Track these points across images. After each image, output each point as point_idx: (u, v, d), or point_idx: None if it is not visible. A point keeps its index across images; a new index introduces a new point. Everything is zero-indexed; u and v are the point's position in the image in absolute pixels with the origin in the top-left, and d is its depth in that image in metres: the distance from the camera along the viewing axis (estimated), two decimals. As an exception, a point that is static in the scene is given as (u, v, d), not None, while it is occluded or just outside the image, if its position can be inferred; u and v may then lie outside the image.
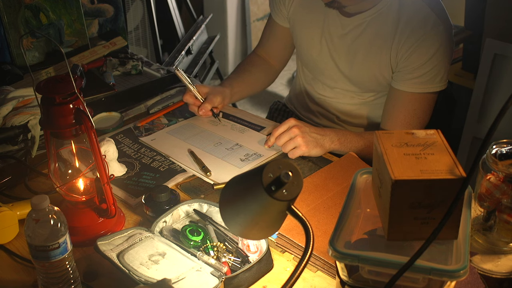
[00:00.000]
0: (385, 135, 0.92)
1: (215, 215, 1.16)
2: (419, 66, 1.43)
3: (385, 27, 1.46)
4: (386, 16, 1.46)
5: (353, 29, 1.51)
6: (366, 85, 1.58)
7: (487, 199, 1.07)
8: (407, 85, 1.47)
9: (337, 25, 1.53)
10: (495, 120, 0.76)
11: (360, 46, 1.51)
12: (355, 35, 1.51)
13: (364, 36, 1.50)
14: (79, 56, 1.88)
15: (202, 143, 1.48)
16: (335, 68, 1.59)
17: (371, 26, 1.48)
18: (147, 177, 1.35)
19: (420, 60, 1.42)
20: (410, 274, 0.82)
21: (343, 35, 1.53)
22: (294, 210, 0.82)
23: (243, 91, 1.71)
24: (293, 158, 1.40)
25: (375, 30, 1.48)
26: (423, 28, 1.41)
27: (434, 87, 1.46)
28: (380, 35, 1.47)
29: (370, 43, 1.49)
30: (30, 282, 1.06)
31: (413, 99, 1.48)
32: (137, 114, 1.64)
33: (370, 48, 1.49)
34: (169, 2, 3.13)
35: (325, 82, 1.65)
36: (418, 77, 1.44)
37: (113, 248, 1.06)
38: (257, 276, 1.04)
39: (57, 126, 1.06)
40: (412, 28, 1.42)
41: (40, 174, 1.35)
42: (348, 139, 1.46)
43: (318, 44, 1.59)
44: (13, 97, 1.49)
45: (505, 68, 2.23)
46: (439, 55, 1.42)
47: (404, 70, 1.46)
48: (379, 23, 1.47)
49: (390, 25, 1.45)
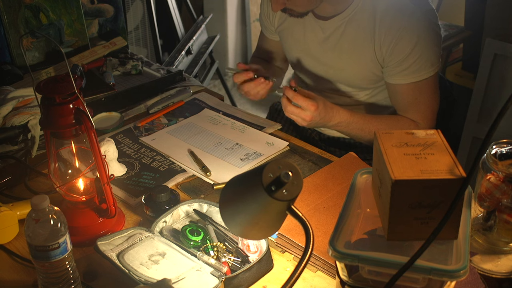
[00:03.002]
0: (385, 135, 0.92)
1: (215, 215, 1.16)
2: (404, 58, 1.43)
3: (363, 24, 1.47)
4: (362, 14, 1.46)
5: (333, 32, 1.52)
6: (358, 84, 1.58)
7: (487, 199, 1.07)
8: (399, 77, 1.47)
9: (317, 30, 1.54)
10: (495, 120, 0.76)
11: (343, 47, 1.52)
12: (336, 37, 1.52)
13: (345, 37, 1.50)
14: (79, 56, 1.88)
15: (202, 143, 1.48)
16: (326, 72, 1.60)
17: (351, 26, 1.49)
18: (147, 177, 1.35)
19: (404, 52, 1.42)
20: (410, 274, 0.82)
21: (325, 38, 1.54)
22: (294, 210, 0.82)
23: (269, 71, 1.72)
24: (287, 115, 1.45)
25: (355, 29, 1.48)
26: (400, 19, 1.41)
27: (427, 73, 1.46)
28: (360, 33, 1.48)
29: (352, 42, 1.50)
30: (30, 282, 1.06)
31: (411, 89, 1.48)
32: (137, 114, 1.64)
33: (354, 47, 1.50)
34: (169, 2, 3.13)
35: (321, 85, 1.66)
36: (407, 68, 1.45)
37: (113, 248, 1.06)
38: (257, 276, 1.04)
39: (57, 126, 1.06)
40: (390, 21, 1.42)
41: (40, 174, 1.35)
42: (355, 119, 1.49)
43: (303, 53, 1.61)
44: (13, 97, 1.49)
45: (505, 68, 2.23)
46: (421, 45, 1.42)
47: (392, 64, 1.46)
48: (357, 22, 1.48)
49: (368, 21, 1.46)
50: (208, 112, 1.65)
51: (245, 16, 3.95)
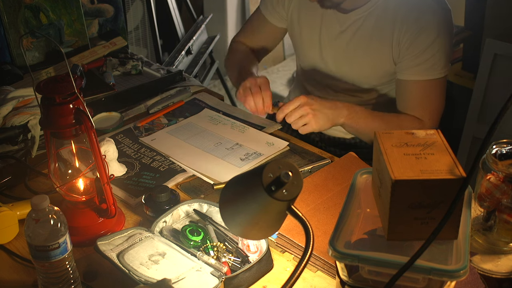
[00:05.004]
0: (385, 135, 0.92)
1: (215, 215, 1.16)
2: (420, 54, 1.44)
3: (383, 19, 1.47)
4: (384, 8, 1.46)
5: (351, 25, 1.51)
6: (367, 82, 1.58)
7: (487, 199, 1.07)
8: (411, 73, 1.47)
9: (335, 23, 1.53)
10: (495, 120, 0.76)
11: (359, 41, 1.51)
12: (353, 30, 1.51)
13: (362, 31, 1.50)
14: (79, 56, 1.88)
15: (202, 143, 1.48)
16: (336, 68, 1.59)
17: (369, 20, 1.48)
18: (147, 177, 1.35)
19: (421, 47, 1.43)
20: (410, 274, 0.82)
21: (341, 32, 1.53)
22: (294, 210, 0.82)
23: None
24: (303, 133, 1.42)
25: (374, 24, 1.48)
26: (423, 14, 1.42)
27: (438, 73, 1.47)
28: (379, 28, 1.48)
29: (369, 37, 1.49)
30: (30, 282, 1.06)
31: (421, 87, 1.48)
32: (137, 114, 1.64)
33: (370, 42, 1.50)
34: (169, 2, 3.13)
35: (326, 83, 1.65)
36: (420, 63, 1.45)
37: (113, 248, 1.06)
38: (257, 276, 1.04)
39: (57, 126, 1.06)
40: (412, 17, 1.43)
41: (40, 174, 1.35)
42: (359, 115, 1.46)
43: (317, 45, 1.59)
44: (13, 97, 1.49)
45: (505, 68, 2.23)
46: (439, 41, 1.43)
47: (407, 58, 1.46)
48: (377, 16, 1.47)
49: (389, 16, 1.46)
50: (208, 112, 1.64)
51: (245, 16, 3.95)
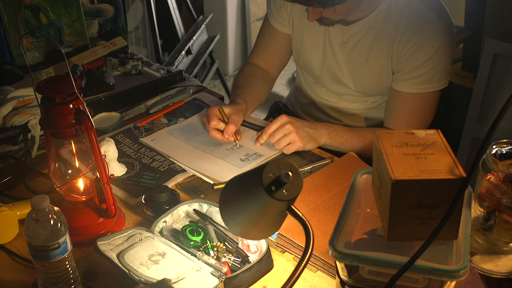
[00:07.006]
0: (385, 135, 0.92)
1: (215, 215, 1.16)
2: (418, 67, 1.43)
3: (384, 31, 1.46)
4: (385, 21, 1.46)
5: (351, 37, 1.51)
6: (368, 90, 1.58)
7: (487, 199, 1.07)
8: (405, 85, 1.47)
9: (337, 34, 1.53)
10: (495, 120, 0.76)
11: (359, 53, 1.51)
12: (354, 42, 1.51)
13: (363, 42, 1.50)
14: (79, 56, 1.88)
15: (202, 144, 1.48)
16: (337, 75, 1.59)
17: (370, 32, 1.48)
18: (147, 177, 1.35)
19: (419, 61, 1.43)
20: (410, 274, 0.82)
21: (343, 43, 1.53)
22: (294, 210, 0.82)
23: (254, 104, 1.64)
24: (288, 153, 1.41)
25: (374, 36, 1.48)
26: (423, 30, 1.41)
27: (432, 87, 1.46)
28: (379, 40, 1.47)
29: (369, 48, 1.49)
30: (30, 282, 1.06)
31: (412, 99, 1.48)
32: (137, 114, 1.64)
33: (370, 54, 1.50)
34: (169, 2, 3.13)
35: (327, 87, 1.65)
36: (416, 77, 1.45)
37: (113, 248, 1.06)
38: (257, 276, 1.04)
39: (57, 126, 1.06)
40: (412, 30, 1.42)
41: (40, 174, 1.35)
42: (340, 134, 1.47)
43: (321, 51, 1.58)
44: (13, 97, 1.49)
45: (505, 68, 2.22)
46: (438, 55, 1.42)
47: (403, 71, 1.46)
48: (378, 28, 1.47)
49: (389, 29, 1.45)
50: (208, 112, 1.64)
51: (245, 16, 3.95)
